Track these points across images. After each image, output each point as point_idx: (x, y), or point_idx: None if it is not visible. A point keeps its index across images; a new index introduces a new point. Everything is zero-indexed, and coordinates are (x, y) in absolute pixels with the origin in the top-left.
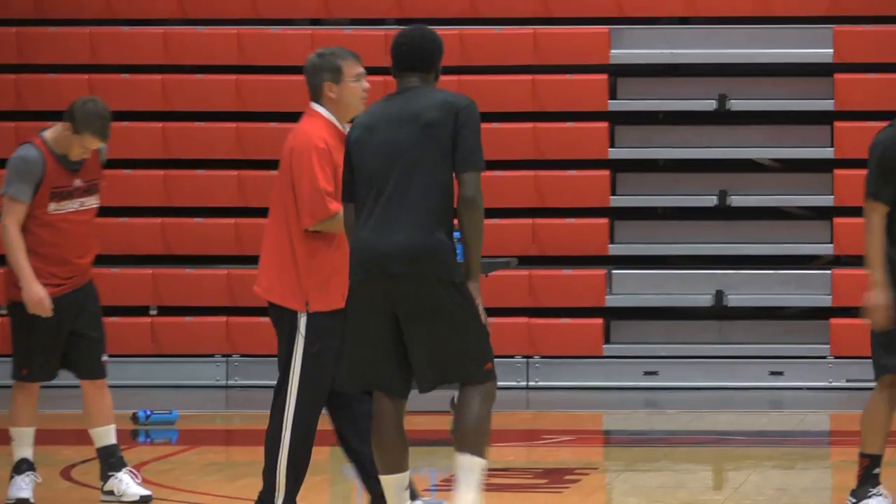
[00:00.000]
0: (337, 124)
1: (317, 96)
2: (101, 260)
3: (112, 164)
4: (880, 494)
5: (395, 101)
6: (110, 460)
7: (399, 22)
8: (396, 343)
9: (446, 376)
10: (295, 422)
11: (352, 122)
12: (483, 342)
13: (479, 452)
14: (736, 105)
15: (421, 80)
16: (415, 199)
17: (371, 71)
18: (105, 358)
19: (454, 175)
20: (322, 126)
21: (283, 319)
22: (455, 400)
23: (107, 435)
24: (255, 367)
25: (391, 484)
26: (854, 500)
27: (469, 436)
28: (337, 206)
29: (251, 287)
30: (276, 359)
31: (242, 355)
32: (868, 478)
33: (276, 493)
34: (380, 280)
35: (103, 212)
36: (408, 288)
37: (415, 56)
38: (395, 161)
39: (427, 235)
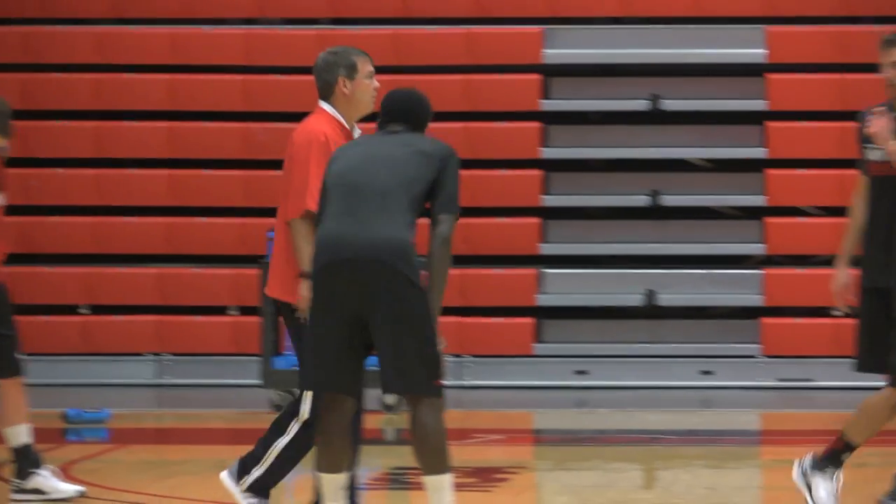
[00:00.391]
0: (343, 122)
1: (328, 93)
2: (33, 259)
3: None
4: (834, 478)
5: (383, 135)
6: (30, 458)
7: (333, 21)
8: (353, 342)
9: (405, 383)
10: (306, 419)
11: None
12: (439, 358)
13: (444, 469)
14: (668, 105)
15: (406, 129)
16: (390, 205)
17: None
18: (20, 355)
19: (430, 212)
20: (326, 122)
21: (289, 316)
22: (385, 400)
23: (24, 433)
24: (187, 366)
25: (330, 483)
26: (809, 467)
27: (433, 456)
28: (313, 205)
29: (183, 286)
30: (206, 357)
31: (174, 354)
32: (835, 459)
33: (259, 465)
34: (344, 266)
35: (36, 211)
36: (373, 278)
37: (405, 110)
38: (379, 169)
39: (396, 232)
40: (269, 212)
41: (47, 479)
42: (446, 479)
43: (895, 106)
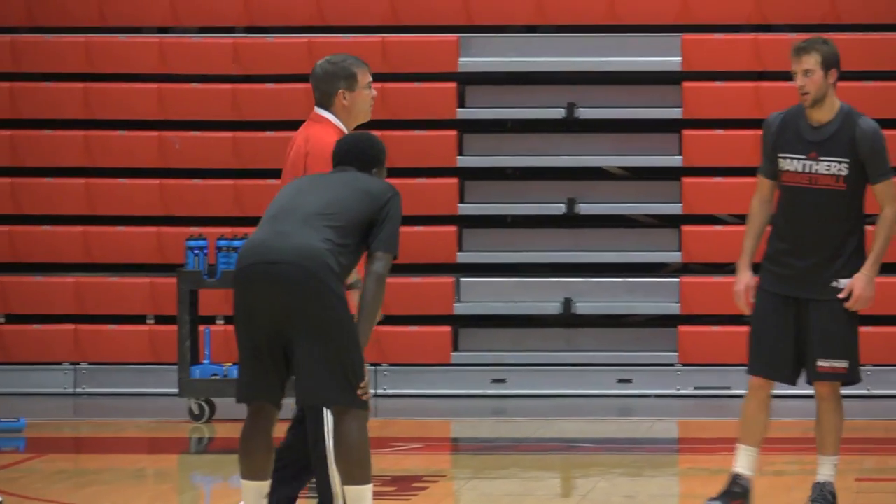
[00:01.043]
0: (345, 131)
1: (327, 103)
2: None
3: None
4: None
5: (331, 173)
6: None
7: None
8: (275, 350)
9: (324, 393)
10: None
11: None
12: (360, 370)
13: (365, 480)
14: (584, 113)
15: (355, 170)
16: (314, 223)
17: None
18: None
19: (366, 248)
20: (334, 132)
21: None
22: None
23: None
24: (104, 375)
25: (252, 490)
26: None
27: (353, 466)
28: None
29: (99, 295)
30: (124, 366)
31: (91, 363)
32: None
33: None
34: (266, 270)
35: None
36: (294, 284)
37: (353, 153)
38: (308, 198)
39: (319, 244)
40: (186, 220)
41: None
42: (367, 490)
43: (807, 114)
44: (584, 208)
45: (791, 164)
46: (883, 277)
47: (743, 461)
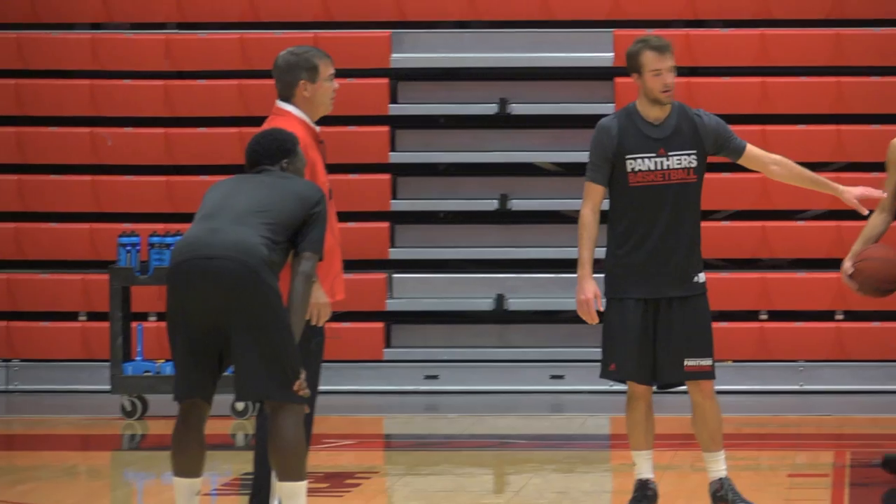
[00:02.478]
0: (309, 122)
1: (288, 94)
2: None
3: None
4: None
5: (255, 174)
6: None
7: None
8: (209, 346)
9: (261, 388)
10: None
11: None
12: (296, 365)
13: (299, 476)
14: (517, 109)
15: (275, 168)
16: (247, 221)
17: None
18: None
19: (295, 249)
20: (297, 124)
21: None
22: (235, 406)
23: None
24: (36, 372)
25: (184, 487)
26: None
27: (288, 463)
28: None
29: (31, 291)
30: (56, 363)
31: (23, 360)
32: None
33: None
34: (201, 266)
35: None
36: (229, 277)
37: (264, 151)
38: (240, 198)
39: (253, 238)
40: (119, 217)
41: None
42: (301, 486)
43: (645, 113)
44: (516, 204)
45: (643, 163)
46: (811, 274)
47: (645, 466)
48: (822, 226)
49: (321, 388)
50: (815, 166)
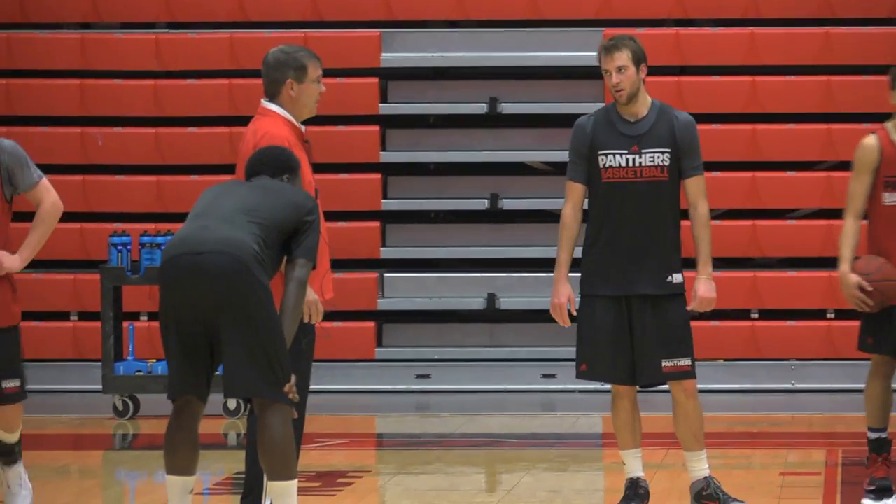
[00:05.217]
0: (295, 122)
1: (274, 92)
2: None
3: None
4: None
5: (250, 180)
6: None
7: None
8: (200, 344)
9: (250, 385)
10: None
11: None
12: (285, 364)
13: (289, 475)
14: (507, 108)
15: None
16: (237, 221)
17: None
18: None
19: (289, 256)
20: (283, 125)
21: None
22: (227, 405)
23: None
24: (27, 372)
25: (177, 485)
26: None
27: (277, 461)
28: None
29: (23, 291)
30: (47, 363)
31: None
32: None
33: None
34: (193, 261)
35: None
36: (221, 273)
37: (269, 162)
38: (231, 201)
39: (244, 236)
40: (109, 217)
41: None
42: (291, 486)
43: (622, 110)
44: (507, 203)
45: (614, 159)
46: (805, 272)
47: (634, 465)
48: (812, 224)
49: (312, 387)
50: (805, 165)
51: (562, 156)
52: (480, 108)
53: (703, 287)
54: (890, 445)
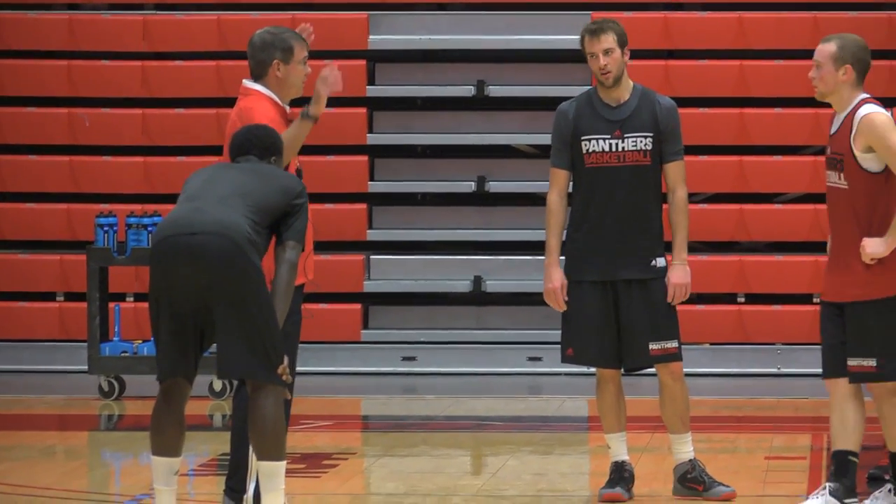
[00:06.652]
0: (279, 101)
1: (261, 73)
2: None
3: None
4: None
5: (239, 163)
6: None
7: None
8: (190, 326)
9: (243, 366)
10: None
11: None
12: (278, 346)
13: (278, 456)
14: (494, 91)
15: (258, 160)
16: (229, 203)
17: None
18: None
19: (278, 238)
20: (267, 103)
21: None
22: (213, 386)
23: None
24: (13, 352)
25: (162, 466)
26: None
27: (268, 442)
28: None
29: (9, 272)
30: (33, 343)
31: (0, 340)
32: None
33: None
34: (186, 242)
35: None
36: (215, 254)
37: (256, 143)
38: (222, 183)
39: (237, 218)
40: (96, 198)
41: None
42: (280, 466)
43: (604, 94)
44: (494, 186)
45: (597, 144)
46: (792, 257)
47: (619, 449)
48: (799, 209)
49: (299, 368)
50: (793, 150)
51: (549, 139)
52: (468, 90)
53: (677, 273)
54: None
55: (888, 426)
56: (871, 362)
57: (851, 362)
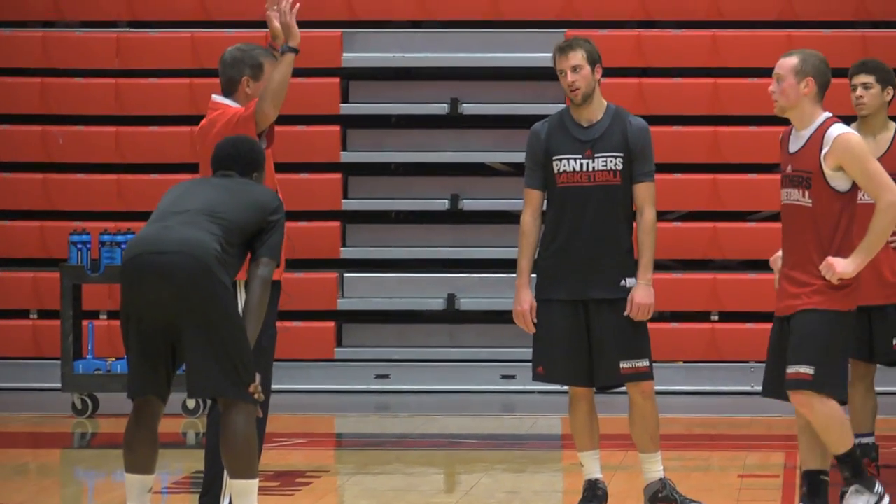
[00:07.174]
0: None
1: (231, 89)
2: None
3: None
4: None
5: (216, 177)
6: None
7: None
8: (161, 344)
9: (213, 384)
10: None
11: None
12: (249, 363)
13: (251, 474)
14: (468, 109)
15: (237, 175)
16: (199, 222)
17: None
18: None
19: (252, 254)
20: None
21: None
22: (187, 404)
23: None
24: None
25: (135, 484)
26: None
27: (240, 460)
28: None
29: None
30: (6, 361)
31: None
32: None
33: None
34: (154, 261)
35: None
36: (182, 274)
37: (232, 157)
38: (194, 199)
39: (205, 237)
40: (69, 215)
41: None
42: (253, 485)
43: (576, 114)
44: (467, 204)
45: (568, 164)
46: (765, 275)
47: (592, 467)
48: (773, 227)
49: (274, 385)
50: (766, 168)
51: (523, 157)
52: (442, 108)
53: (640, 293)
54: (877, 450)
55: (815, 438)
56: (809, 370)
57: (790, 370)
